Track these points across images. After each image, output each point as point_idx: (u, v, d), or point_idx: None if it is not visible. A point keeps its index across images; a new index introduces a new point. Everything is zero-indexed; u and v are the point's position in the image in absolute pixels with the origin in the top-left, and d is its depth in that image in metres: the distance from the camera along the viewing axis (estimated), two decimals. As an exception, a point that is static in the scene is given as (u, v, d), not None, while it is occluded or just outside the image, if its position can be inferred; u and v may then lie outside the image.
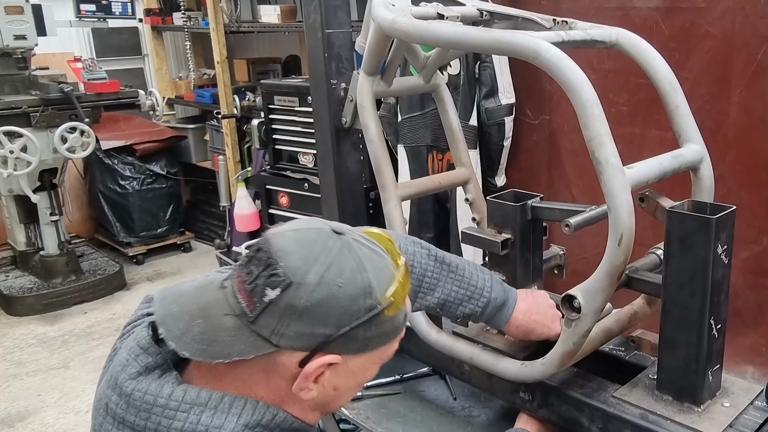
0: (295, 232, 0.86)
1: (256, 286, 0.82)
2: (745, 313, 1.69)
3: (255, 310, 0.82)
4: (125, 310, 4.21)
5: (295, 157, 3.56)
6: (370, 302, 0.84)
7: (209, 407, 0.85)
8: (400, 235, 1.29)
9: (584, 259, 1.83)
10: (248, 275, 0.83)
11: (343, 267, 0.83)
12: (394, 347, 0.93)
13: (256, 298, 0.82)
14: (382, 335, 0.88)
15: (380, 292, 0.85)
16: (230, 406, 0.86)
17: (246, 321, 0.83)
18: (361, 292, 0.83)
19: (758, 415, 1.26)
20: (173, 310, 0.87)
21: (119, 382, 0.89)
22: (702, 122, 1.36)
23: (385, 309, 0.85)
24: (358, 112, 1.61)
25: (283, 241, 0.85)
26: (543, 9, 1.78)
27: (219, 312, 0.84)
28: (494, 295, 1.30)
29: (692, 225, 1.18)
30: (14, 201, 4.28)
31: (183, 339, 0.84)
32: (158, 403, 0.86)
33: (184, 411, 0.85)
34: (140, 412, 0.86)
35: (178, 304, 0.87)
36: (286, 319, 0.81)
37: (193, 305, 0.87)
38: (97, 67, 4.27)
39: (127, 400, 0.87)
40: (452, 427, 1.61)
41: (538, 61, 1.14)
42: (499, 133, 2.07)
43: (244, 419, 0.86)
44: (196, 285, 0.90)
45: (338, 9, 1.79)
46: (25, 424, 3.08)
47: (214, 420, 0.85)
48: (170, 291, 0.91)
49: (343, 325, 0.83)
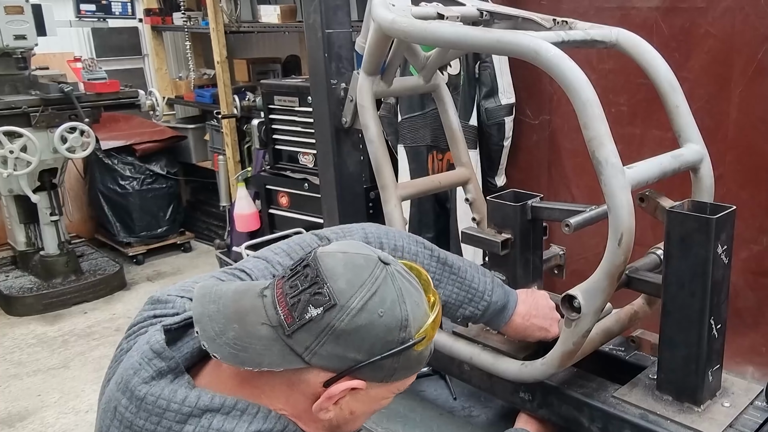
0: (344, 255, 0.87)
1: (299, 301, 0.83)
2: (745, 313, 1.69)
3: (293, 324, 0.82)
4: (125, 310, 4.21)
5: (295, 157, 3.56)
6: (404, 335, 0.85)
7: (222, 413, 0.85)
8: (404, 234, 1.29)
9: (584, 259, 1.83)
10: (291, 288, 0.84)
11: (386, 297, 0.84)
12: (413, 380, 0.95)
13: (297, 313, 0.82)
14: (407, 368, 0.89)
15: (415, 327, 0.86)
16: (242, 413, 0.86)
17: (282, 333, 0.83)
18: (398, 324, 0.84)
19: (758, 415, 1.26)
20: (211, 311, 0.87)
21: (131, 386, 0.88)
22: (702, 122, 1.36)
23: (417, 344, 0.86)
24: (358, 112, 1.61)
25: (333, 261, 0.85)
26: (543, 9, 1.78)
27: (256, 320, 0.85)
28: (495, 298, 1.30)
29: (692, 225, 1.18)
30: (14, 201, 4.27)
31: (217, 341, 0.84)
32: (171, 407, 0.85)
33: (196, 416, 0.85)
34: (151, 416, 0.86)
35: (216, 306, 0.87)
36: (322, 339, 0.82)
37: (231, 309, 0.87)
38: (97, 67, 4.26)
39: (139, 404, 0.87)
40: (452, 427, 1.61)
41: (538, 61, 1.14)
42: (499, 133, 2.07)
43: (255, 426, 0.86)
44: (234, 288, 0.91)
45: (338, 9, 1.79)
46: (25, 424, 3.08)
47: (225, 425, 0.85)
48: (210, 290, 0.90)
49: (375, 353, 0.84)
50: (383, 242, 1.23)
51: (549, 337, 1.33)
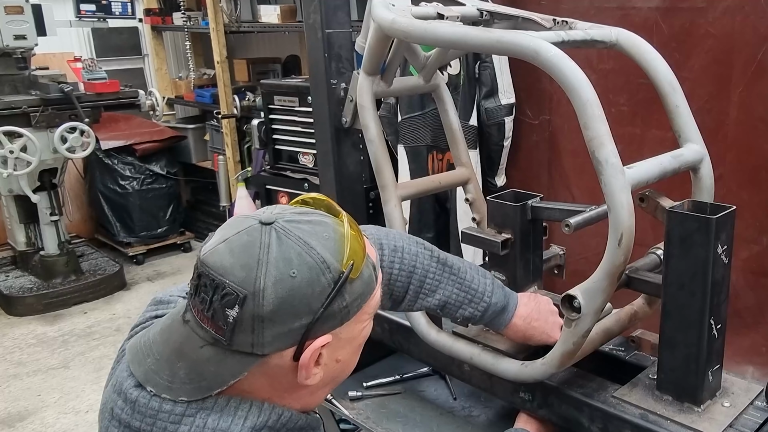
0: (225, 243, 0.82)
1: (215, 311, 0.80)
2: (745, 313, 1.68)
3: (225, 333, 0.80)
4: (125, 310, 4.21)
5: (295, 157, 3.56)
6: (331, 276, 0.82)
7: (215, 411, 0.85)
8: (404, 235, 1.29)
9: (584, 259, 1.82)
10: (202, 303, 0.82)
11: (288, 256, 0.80)
12: (377, 297, 0.91)
13: (221, 321, 0.80)
14: (359, 296, 0.86)
15: (337, 260, 0.82)
16: (236, 409, 0.86)
17: (223, 346, 0.82)
18: (318, 271, 0.81)
19: (758, 415, 1.26)
20: (149, 365, 0.87)
21: (124, 388, 0.88)
22: (702, 122, 1.36)
23: (350, 274, 0.83)
24: (358, 112, 1.61)
25: (218, 257, 0.81)
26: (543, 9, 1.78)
27: (194, 347, 0.83)
28: (494, 300, 1.30)
29: (692, 225, 1.18)
30: (14, 201, 4.28)
31: (173, 387, 0.84)
32: (164, 409, 0.85)
33: (190, 415, 0.85)
34: (146, 417, 0.86)
35: (152, 357, 0.87)
36: (258, 329, 0.80)
37: (167, 351, 0.86)
38: (97, 67, 4.27)
39: (133, 406, 0.87)
40: (452, 427, 1.61)
41: (538, 61, 1.14)
42: (499, 133, 2.07)
43: (251, 422, 0.86)
44: (159, 329, 0.90)
45: (338, 9, 1.79)
46: (25, 424, 3.08)
47: (221, 423, 0.84)
48: (137, 347, 0.90)
49: (315, 309, 0.81)
50: (383, 243, 1.23)
51: (550, 342, 1.33)
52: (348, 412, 1.69)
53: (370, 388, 1.77)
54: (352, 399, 1.73)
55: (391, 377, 1.80)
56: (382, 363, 1.87)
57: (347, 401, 1.73)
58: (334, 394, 1.72)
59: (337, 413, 1.75)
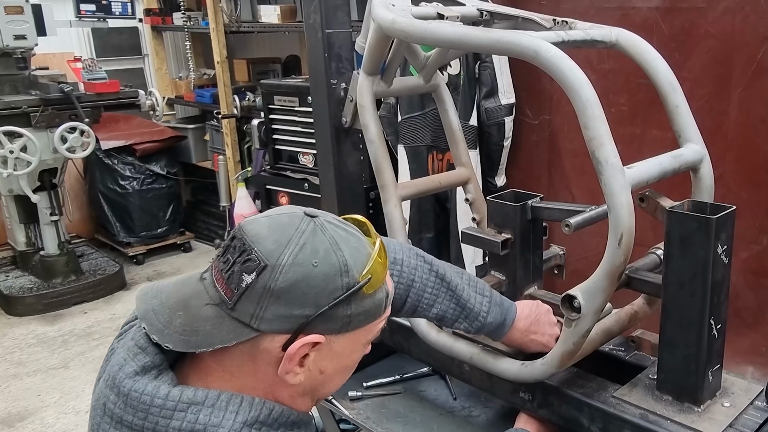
0: (267, 218, 0.88)
1: (232, 273, 0.83)
2: (745, 313, 1.68)
3: (233, 296, 0.83)
4: (125, 310, 4.21)
5: (295, 157, 3.56)
6: (347, 280, 0.85)
7: (206, 405, 0.86)
8: (404, 247, 1.29)
9: (584, 259, 1.82)
10: (225, 264, 0.85)
11: (317, 247, 0.84)
12: (378, 327, 0.94)
13: (234, 284, 0.83)
14: (364, 314, 0.88)
15: (357, 270, 0.86)
16: (227, 404, 0.86)
17: (226, 309, 0.84)
18: (337, 270, 0.84)
19: (758, 415, 1.27)
20: (154, 305, 0.89)
21: (117, 381, 0.89)
22: (702, 122, 1.36)
23: (364, 286, 0.86)
24: (358, 112, 1.61)
25: (257, 226, 0.86)
26: (543, 9, 1.78)
27: (199, 303, 0.86)
28: (490, 319, 1.30)
29: (692, 225, 1.18)
30: (14, 201, 4.27)
31: (165, 332, 0.86)
32: (155, 403, 0.86)
33: (181, 410, 0.85)
34: (138, 411, 0.86)
35: (159, 299, 0.89)
36: (263, 303, 0.82)
37: (174, 299, 0.88)
38: (97, 67, 4.27)
39: (125, 399, 0.87)
40: (452, 427, 1.61)
41: (538, 61, 1.14)
42: (499, 133, 2.07)
43: (242, 417, 0.86)
44: (175, 280, 0.92)
45: (338, 9, 1.79)
46: (25, 424, 3.08)
47: (212, 418, 0.85)
48: (151, 287, 0.92)
49: (321, 304, 0.84)
50: None
51: (547, 351, 1.33)
52: (348, 412, 1.69)
53: (370, 388, 1.77)
54: (352, 399, 1.73)
55: (391, 377, 1.80)
56: (382, 363, 1.87)
57: (347, 401, 1.73)
58: (334, 394, 1.72)
59: (337, 413, 1.75)
